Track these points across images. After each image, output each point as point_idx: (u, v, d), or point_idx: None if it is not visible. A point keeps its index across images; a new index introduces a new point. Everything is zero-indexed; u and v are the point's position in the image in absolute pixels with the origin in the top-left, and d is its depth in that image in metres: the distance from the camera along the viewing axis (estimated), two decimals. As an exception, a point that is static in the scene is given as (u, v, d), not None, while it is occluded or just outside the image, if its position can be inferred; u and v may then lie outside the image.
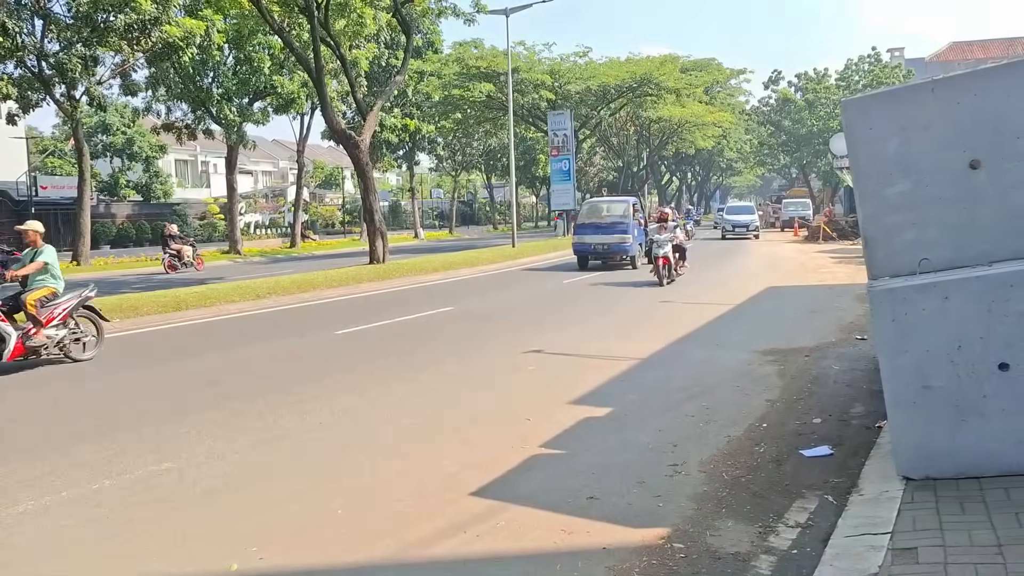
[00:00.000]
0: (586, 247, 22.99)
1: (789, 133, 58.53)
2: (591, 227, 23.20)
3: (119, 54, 27.96)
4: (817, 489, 5.16)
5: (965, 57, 56.67)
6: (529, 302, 16.29)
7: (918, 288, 4.69)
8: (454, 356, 10.14)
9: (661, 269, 17.53)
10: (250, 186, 71.37)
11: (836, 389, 7.87)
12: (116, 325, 12.72)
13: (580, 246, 23.09)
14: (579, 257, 23.35)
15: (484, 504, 5.02)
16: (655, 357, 9.70)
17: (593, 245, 22.81)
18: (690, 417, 6.95)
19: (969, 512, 4.18)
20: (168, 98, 34.35)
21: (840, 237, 34.80)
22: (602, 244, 22.68)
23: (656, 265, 17.66)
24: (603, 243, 22.65)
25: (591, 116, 48.08)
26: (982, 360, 4.57)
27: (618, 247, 22.53)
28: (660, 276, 17.52)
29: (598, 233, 22.81)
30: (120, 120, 51.42)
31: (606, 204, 25.87)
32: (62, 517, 4.97)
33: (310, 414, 7.36)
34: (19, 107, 28.02)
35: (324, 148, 72.59)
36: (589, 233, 23.01)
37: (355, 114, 38.45)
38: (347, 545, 4.49)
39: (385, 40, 36.20)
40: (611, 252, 22.75)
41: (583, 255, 23.22)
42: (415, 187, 57.37)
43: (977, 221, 4.76)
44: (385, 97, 27.65)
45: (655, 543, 4.39)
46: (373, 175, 27.18)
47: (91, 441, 6.54)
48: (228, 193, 37.99)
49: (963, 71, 5.19)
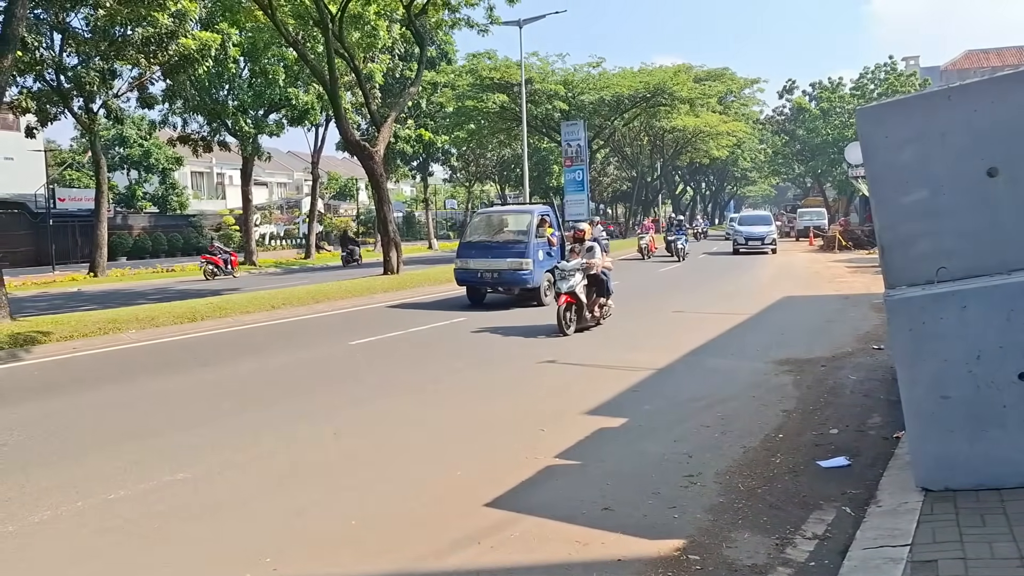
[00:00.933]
0: (471, 275, 16.71)
1: (804, 142, 58.26)
2: (479, 248, 16.85)
3: (136, 67, 28.26)
4: (834, 500, 5.10)
5: (981, 65, 56.35)
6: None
7: (936, 297, 4.65)
8: (467, 366, 10.13)
9: (562, 312, 12.28)
10: (265, 198, 71.75)
11: (853, 399, 7.80)
12: (131, 336, 12.80)
13: (463, 273, 16.87)
14: (468, 288, 17.24)
15: (498, 515, 4.99)
16: (670, 368, 9.65)
17: (480, 273, 16.41)
18: (706, 427, 6.90)
19: (990, 524, 4.12)
20: (184, 110, 34.62)
21: (855, 246, 34.58)
22: (491, 271, 16.28)
23: (557, 305, 12.50)
24: (492, 269, 16.25)
25: (605, 126, 48.05)
26: (1001, 370, 4.51)
27: (512, 276, 16.07)
28: (560, 321, 12.23)
29: (487, 256, 16.45)
30: (137, 133, 51.90)
31: (502, 216, 19.10)
32: (77, 527, 4.99)
33: (324, 424, 7.36)
34: (38, 120, 28.33)
35: (339, 159, 72.91)
36: (476, 256, 16.68)
37: (369, 125, 38.64)
38: (361, 556, 4.47)
39: (399, 52, 36.36)
40: (503, 282, 16.33)
41: (470, 285, 17.08)
42: (429, 198, 57.50)
43: (995, 229, 4.71)
44: (399, 108, 27.73)
45: (670, 555, 4.35)
46: (387, 186, 27.24)
47: (106, 451, 6.57)
48: (243, 205, 38.21)
49: (980, 78, 5.15)
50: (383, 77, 36.48)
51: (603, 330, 12.78)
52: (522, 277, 16.09)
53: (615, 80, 44.44)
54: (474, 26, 27.74)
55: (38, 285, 25.98)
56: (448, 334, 13.02)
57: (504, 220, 18.32)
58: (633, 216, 64.56)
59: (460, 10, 26.14)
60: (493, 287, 16.80)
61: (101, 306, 16.93)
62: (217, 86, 34.16)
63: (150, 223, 49.67)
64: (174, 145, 38.89)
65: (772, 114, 63.42)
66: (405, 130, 43.83)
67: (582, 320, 12.51)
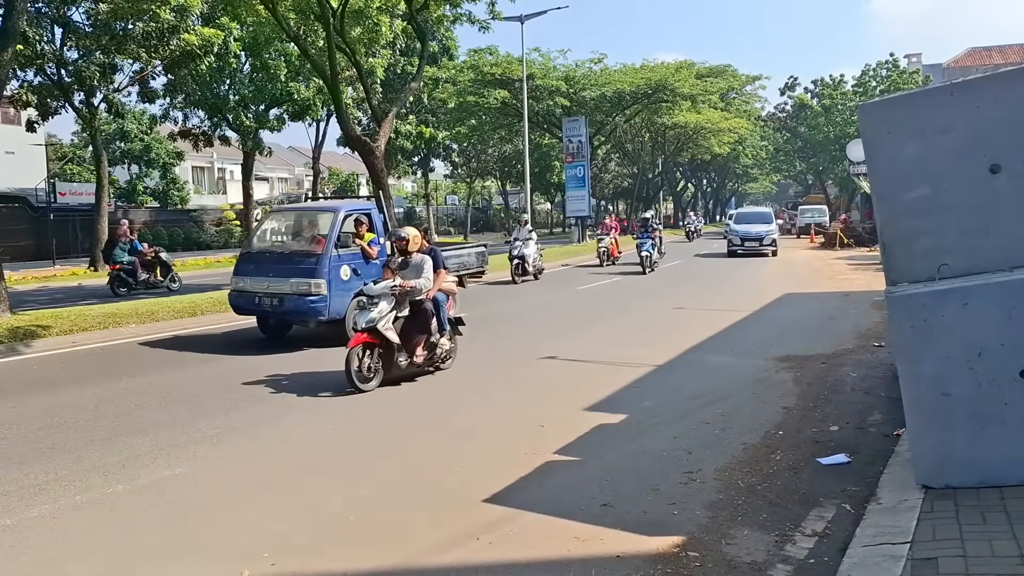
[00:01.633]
0: (248, 301, 11.73)
1: (805, 139, 58.23)
2: (260, 262, 11.86)
3: (137, 62, 28.20)
4: (834, 497, 5.09)
5: (983, 62, 56.21)
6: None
7: (937, 294, 4.63)
8: (465, 362, 10.13)
9: (353, 357, 8.32)
10: (266, 193, 71.62)
11: (853, 396, 7.79)
12: (130, 331, 12.79)
13: (238, 298, 11.87)
14: (257, 318, 12.29)
15: (497, 511, 4.99)
16: (670, 364, 9.64)
17: (259, 297, 11.45)
18: (705, 424, 6.89)
19: (990, 522, 4.10)
20: (185, 105, 34.58)
21: (857, 244, 34.55)
22: (272, 296, 11.32)
23: (347, 360, 8.27)
24: (273, 293, 11.30)
25: (606, 122, 47.99)
26: (1003, 367, 4.49)
27: (296, 305, 11.13)
28: (350, 372, 8.24)
29: (267, 274, 11.51)
30: (138, 127, 51.81)
31: (299, 216, 13.39)
32: (76, 521, 4.98)
33: (323, 419, 7.37)
34: (38, 114, 28.27)
35: (339, 155, 72.82)
36: (254, 273, 11.72)
37: (370, 120, 38.57)
38: (360, 552, 4.47)
39: (400, 47, 36.30)
40: (286, 313, 11.42)
41: (251, 313, 12.16)
42: (430, 193, 57.49)
43: (997, 226, 4.69)
44: (400, 104, 27.67)
45: (670, 552, 4.34)
46: (388, 181, 27.20)
47: (105, 446, 6.56)
48: (244, 200, 38.19)
49: (982, 75, 5.13)
50: (384, 72, 36.40)
51: (431, 381, 9.04)
52: (310, 306, 10.97)
53: (617, 76, 44.39)
54: (476, 22, 27.68)
55: (39, 279, 25.96)
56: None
57: (301, 222, 12.77)
58: (635, 212, 64.50)
59: (461, 5, 26.05)
60: (277, 318, 11.82)
61: (101, 301, 16.91)
62: (218, 81, 34.10)
63: (151, 218, 49.57)
64: (175, 140, 38.81)
65: (774, 111, 63.47)
66: (406, 126, 43.77)
67: (392, 368, 8.56)
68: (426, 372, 9.14)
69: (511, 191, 74.43)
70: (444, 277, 9.30)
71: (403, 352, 8.70)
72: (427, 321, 8.94)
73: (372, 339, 8.43)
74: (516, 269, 21.25)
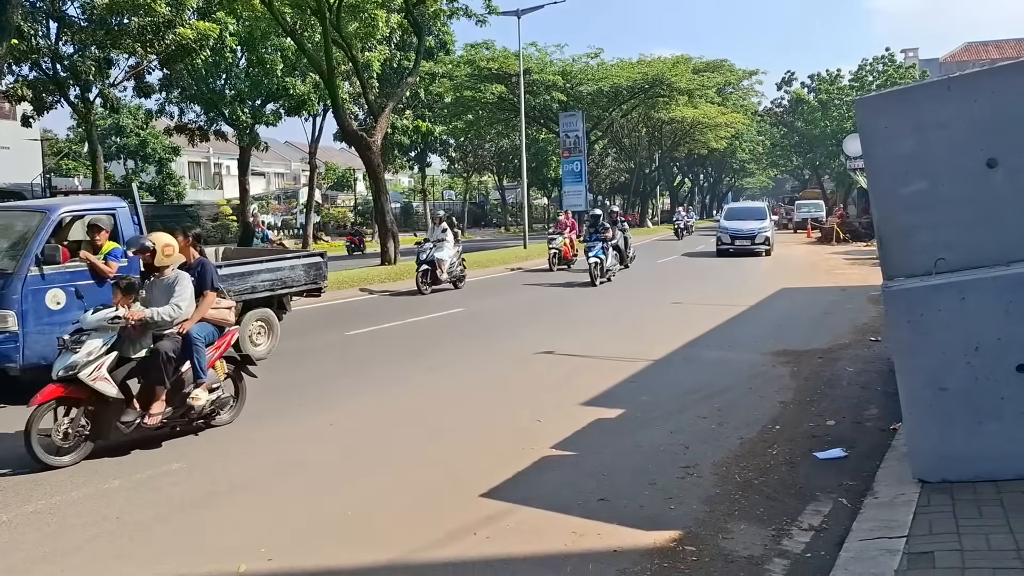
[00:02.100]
0: None
1: (802, 134, 58.20)
2: None
3: (133, 56, 28.08)
4: (831, 492, 5.10)
5: (980, 57, 56.21)
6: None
7: (934, 289, 4.63)
8: (464, 357, 10.12)
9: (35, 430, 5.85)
10: (263, 188, 71.64)
11: (850, 391, 7.80)
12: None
13: None
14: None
15: (494, 506, 4.99)
16: (668, 359, 9.64)
17: None
18: (702, 419, 6.89)
19: (987, 516, 4.11)
20: (181, 100, 34.48)
21: (853, 238, 34.57)
22: None
23: (27, 424, 5.87)
24: None
25: (603, 117, 47.94)
26: (999, 362, 4.50)
27: None
28: (32, 447, 5.81)
29: None
30: (133, 122, 51.70)
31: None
32: (72, 516, 4.97)
33: (319, 415, 7.35)
34: (33, 109, 28.13)
35: (336, 150, 72.73)
36: None
37: (367, 115, 38.48)
38: (357, 546, 4.46)
39: (397, 42, 36.23)
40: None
41: None
42: (427, 189, 57.40)
43: (994, 220, 4.69)
44: (397, 98, 27.66)
45: (666, 546, 4.34)
46: (385, 176, 27.17)
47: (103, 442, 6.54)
48: (240, 195, 38.12)
49: (979, 69, 5.12)
50: (381, 67, 36.31)
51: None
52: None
53: (613, 71, 44.35)
54: (472, 16, 27.64)
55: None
56: (447, 323, 13.00)
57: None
58: (632, 207, 64.48)
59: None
60: None
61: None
62: (214, 75, 33.99)
63: (147, 213, 49.24)
64: (171, 135, 38.76)
65: (770, 106, 63.35)
66: (403, 120, 43.70)
67: (112, 431, 6.18)
68: (189, 430, 6.75)
69: (508, 186, 74.40)
70: (212, 302, 6.86)
71: (134, 408, 6.27)
72: (161, 368, 6.31)
73: (75, 393, 6.03)
74: (423, 276, 17.50)
